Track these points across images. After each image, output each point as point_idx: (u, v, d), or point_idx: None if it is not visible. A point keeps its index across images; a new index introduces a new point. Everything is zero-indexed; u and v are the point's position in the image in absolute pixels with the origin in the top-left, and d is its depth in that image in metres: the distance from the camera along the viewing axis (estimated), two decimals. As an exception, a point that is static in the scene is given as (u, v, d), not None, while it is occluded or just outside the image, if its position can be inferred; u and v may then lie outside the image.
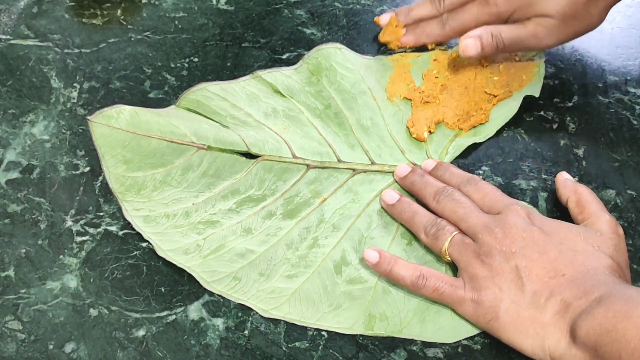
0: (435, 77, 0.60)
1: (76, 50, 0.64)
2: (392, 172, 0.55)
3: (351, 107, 0.59)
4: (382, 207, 0.53)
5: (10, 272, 0.50)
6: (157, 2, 0.69)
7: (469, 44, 0.57)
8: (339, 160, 0.56)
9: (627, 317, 0.40)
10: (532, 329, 0.44)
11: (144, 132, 0.55)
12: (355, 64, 0.61)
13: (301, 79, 0.60)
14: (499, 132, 0.57)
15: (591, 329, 0.41)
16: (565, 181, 0.52)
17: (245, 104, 0.58)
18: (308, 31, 0.66)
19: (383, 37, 0.63)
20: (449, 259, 0.48)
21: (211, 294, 0.49)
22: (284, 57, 0.64)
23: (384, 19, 0.63)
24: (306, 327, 0.48)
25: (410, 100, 0.59)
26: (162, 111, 0.58)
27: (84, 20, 0.67)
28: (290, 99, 0.59)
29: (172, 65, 0.63)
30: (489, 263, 0.46)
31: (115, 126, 0.55)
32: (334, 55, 0.61)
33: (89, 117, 0.55)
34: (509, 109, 0.57)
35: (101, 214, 0.53)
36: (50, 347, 0.47)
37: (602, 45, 0.64)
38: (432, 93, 0.59)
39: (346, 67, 0.61)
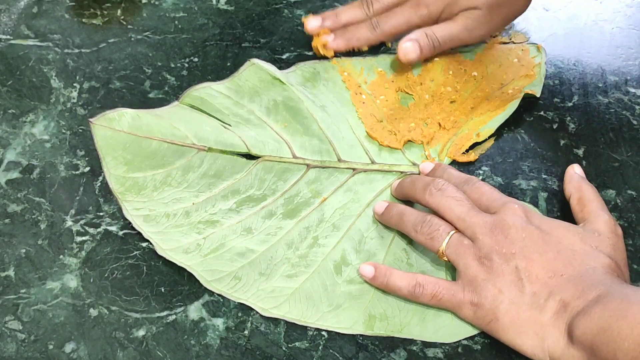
0: (431, 81, 0.60)
1: (76, 50, 0.64)
2: (393, 172, 0.55)
3: (350, 107, 0.59)
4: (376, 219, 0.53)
5: (10, 272, 0.50)
6: (157, 2, 0.69)
7: (409, 48, 0.58)
8: (339, 160, 0.56)
9: (623, 317, 0.40)
10: (532, 329, 0.44)
11: (145, 134, 0.55)
12: (356, 67, 0.61)
13: (296, 80, 0.60)
14: (499, 132, 0.57)
15: (588, 328, 0.41)
16: (572, 176, 0.52)
17: (248, 101, 0.58)
18: (308, 31, 0.66)
19: (314, 43, 0.62)
20: (446, 259, 0.48)
21: (211, 293, 0.49)
22: (284, 57, 0.64)
23: (311, 24, 0.62)
24: (306, 327, 0.48)
25: (410, 94, 0.59)
26: (164, 110, 0.58)
27: (84, 20, 0.67)
28: (290, 86, 0.58)
29: (172, 65, 0.63)
30: (489, 265, 0.46)
31: (117, 128, 0.55)
32: (332, 68, 0.61)
33: (91, 120, 0.55)
34: (509, 108, 0.57)
35: (101, 214, 0.53)
36: (50, 347, 0.47)
37: (602, 45, 0.64)
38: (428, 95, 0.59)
39: (346, 75, 0.61)
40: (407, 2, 0.60)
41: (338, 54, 0.62)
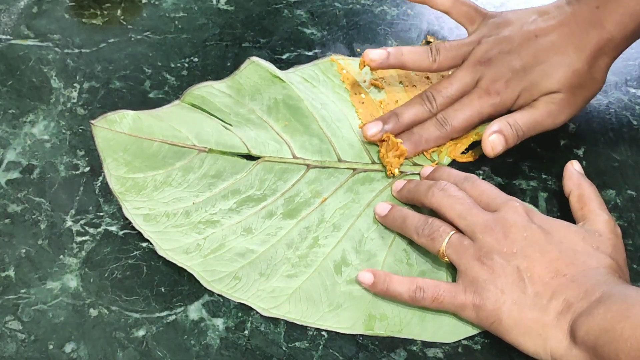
0: (429, 80, 0.60)
1: (76, 50, 0.64)
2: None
3: (350, 107, 0.59)
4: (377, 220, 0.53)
5: (10, 272, 0.50)
6: (157, 2, 0.69)
7: (496, 142, 0.53)
8: (340, 160, 0.56)
9: (625, 317, 0.40)
10: (535, 330, 0.44)
11: (146, 135, 0.55)
12: (354, 67, 0.61)
13: (296, 80, 0.60)
14: (499, 132, 0.57)
15: (590, 329, 0.41)
16: (572, 172, 0.52)
17: (249, 100, 0.58)
18: (308, 31, 0.66)
19: (386, 160, 0.54)
20: (447, 260, 0.48)
21: (211, 293, 0.49)
22: (284, 57, 0.64)
23: (370, 132, 0.55)
24: (306, 327, 0.48)
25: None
26: (165, 110, 0.57)
27: (84, 20, 0.67)
28: (290, 84, 0.58)
29: (172, 65, 0.63)
30: (490, 265, 0.46)
31: (118, 130, 0.55)
32: (331, 68, 0.61)
33: (92, 121, 0.55)
34: None
35: (101, 214, 0.53)
36: (50, 347, 0.47)
37: (602, 46, 0.64)
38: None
39: (345, 74, 0.61)
40: (474, 91, 0.55)
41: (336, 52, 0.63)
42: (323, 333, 0.47)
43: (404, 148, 0.54)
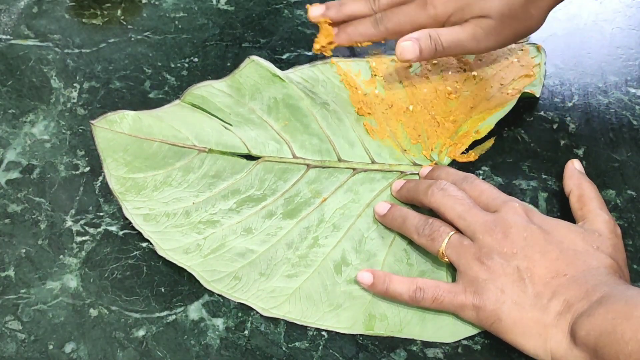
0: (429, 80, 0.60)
1: (76, 50, 0.64)
2: (393, 172, 0.55)
3: (349, 107, 0.59)
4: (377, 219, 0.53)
5: (10, 272, 0.50)
6: (157, 2, 0.69)
7: (407, 47, 0.54)
8: (339, 159, 0.56)
9: (626, 319, 0.40)
10: (535, 330, 0.44)
11: (146, 135, 0.55)
12: (353, 68, 0.61)
13: (295, 80, 0.60)
14: (499, 132, 0.57)
15: (591, 330, 0.41)
16: (572, 171, 0.52)
17: (249, 99, 0.58)
18: (308, 31, 0.66)
19: (319, 42, 0.60)
20: (447, 260, 0.48)
21: (211, 294, 0.49)
22: (284, 57, 0.64)
23: (313, 12, 0.60)
24: (306, 327, 0.48)
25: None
26: (165, 110, 0.57)
27: (84, 20, 0.67)
28: (289, 83, 0.58)
29: (172, 65, 0.63)
30: (490, 265, 0.45)
31: (118, 130, 0.55)
32: (331, 69, 0.61)
33: (92, 121, 0.55)
34: (508, 105, 0.57)
35: (101, 214, 0.53)
36: (50, 347, 0.47)
37: (602, 45, 0.64)
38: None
39: (344, 75, 0.61)
40: (416, 1, 0.57)
41: (337, 54, 0.62)
42: (323, 333, 0.47)
43: (331, 30, 0.59)
